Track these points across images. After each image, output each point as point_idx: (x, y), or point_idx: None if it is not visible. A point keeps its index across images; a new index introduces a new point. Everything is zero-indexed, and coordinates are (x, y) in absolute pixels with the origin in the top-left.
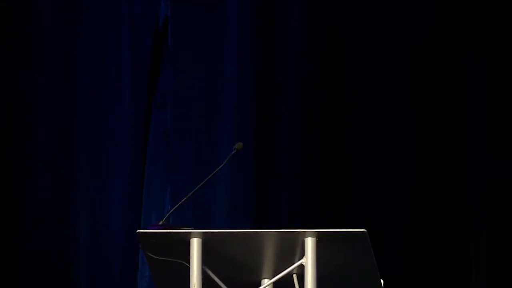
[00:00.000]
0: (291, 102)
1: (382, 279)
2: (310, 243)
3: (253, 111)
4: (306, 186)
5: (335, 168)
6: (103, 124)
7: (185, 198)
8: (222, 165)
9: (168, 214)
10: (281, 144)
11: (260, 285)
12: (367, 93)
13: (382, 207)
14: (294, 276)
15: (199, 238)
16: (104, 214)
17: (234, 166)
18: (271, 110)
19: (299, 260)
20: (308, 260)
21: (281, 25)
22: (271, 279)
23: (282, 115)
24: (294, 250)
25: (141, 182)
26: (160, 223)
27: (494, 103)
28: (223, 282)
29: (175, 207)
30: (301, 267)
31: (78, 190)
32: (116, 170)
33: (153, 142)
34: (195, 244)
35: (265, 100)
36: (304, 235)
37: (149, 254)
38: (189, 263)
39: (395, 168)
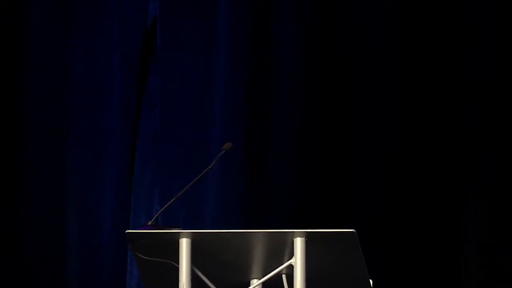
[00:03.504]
0: (281, 102)
1: (371, 279)
2: (299, 243)
3: (242, 111)
4: (296, 187)
5: (326, 168)
6: (93, 124)
7: (174, 199)
8: (210, 166)
9: (157, 214)
10: (271, 145)
11: (249, 285)
12: (359, 93)
13: (372, 207)
14: (283, 276)
15: (188, 238)
16: (93, 214)
17: (224, 167)
18: (261, 110)
19: (288, 260)
20: (297, 260)
21: (272, 25)
22: (260, 279)
23: (271, 115)
24: (283, 250)
25: (131, 183)
26: (149, 223)
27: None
28: (212, 282)
29: (164, 207)
30: (290, 267)
31: (68, 191)
32: (106, 170)
33: (143, 143)
34: (184, 244)
35: (255, 101)
36: (293, 235)
37: (138, 254)
38: (178, 263)
39: (387, 168)
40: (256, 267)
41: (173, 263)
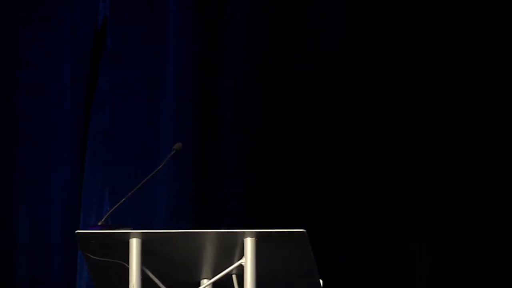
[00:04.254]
0: (232, 102)
1: (321, 279)
2: (249, 243)
3: (193, 111)
4: (247, 187)
5: (276, 168)
6: (43, 124)
7: (124, 199)
8: (161, 166)
9: (107, 215)
10: (220, 144)
11: (199, 286)
12: (312, 94)
13: (323, 207)
14: (234, 276)
15: (138, 238)
16: (43, 214)
17: (174, 167)
18: (210, 110)
19: (239, 260)
20: (248, 260)
21: (221, 25)
22: (210, 279)
23: (221, 115)
24: (234, 250)
25: (81, 183)
26: (99, 223)
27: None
28: (162, 283)
29: (114, 207)
30: (241, 267)
31: (18, 191)
32: (56, 170)
33: (93, 143)
34: (134, 245)
35: (206, 101)
36: (244, 235)
37: (88, 254)
38: (128, 263)
39: (340, 167)
40: (207, 267)
41: (123, 263)
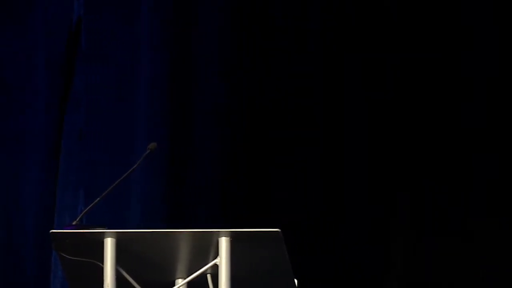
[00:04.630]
0: (206, 102)
1: (296, 278)
2: (224, 243)
3: (167, 111)
4: (222, 187)
5: (251, 168)
6: (17, 124)
7: (98, 199)
8: (135, 165)
9: (81, 214)
10: (196, 144)
11: (174, 285)
12: (285, 95)
13: (297, 206)
14: (208, 276)
15: (113, 238)
16: (17, 214)
17: (149, 167)
18: (186, 110)
19: (213, 260)
20: (222, 260)
21: (195, 24)
22: (185, 279)
23: (196, 115)
24: (209, 250)
25: (55, 182)
26: (74, 223)
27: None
28: (137, 282)
29: (89, 207)
30: (215, 267)
31: None
32: (30, 169)
33: (67, 142)
34: (109, 244)
35: (180, 101)
36: (218, 235)
37: (63, 254)
38: (102, 263)
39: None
40: (181, 267)
41: (97, 263)
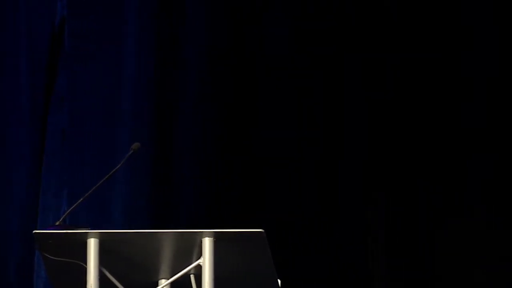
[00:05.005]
0: (190, 103)
1: (280, 278)
2: (207, 243)
3: (151, 111)
4: (205, 187)
5: (234, 168)
6: (0, 124)
7: (82, 199)
8: (119, 166)
9: (65, 215)
10: (178, 145)
11: (157, 286)
12: (267, 94)
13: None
14: (192, 276)
15: (96, 238)
16: (0, 214)
17: (133, 167)
18: (169, 110)
19: (197, 260)
20: (206, 261)
21: (180, 24)
22: (168, 279)
23: (180, 115)
24: (192, 250)
25: (38, 183)
26: (57, 223)
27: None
28: (120, 283)
29: (72, 207)
30: (199, 267)
31: None
32: (13, 169)
33: (51, 142)
34: (92, 245)
35: (164, 101)
36: (202, 235)
37: (46, 254)
38: (86, 263)
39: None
40: (165, 267)
41: (81, 263)
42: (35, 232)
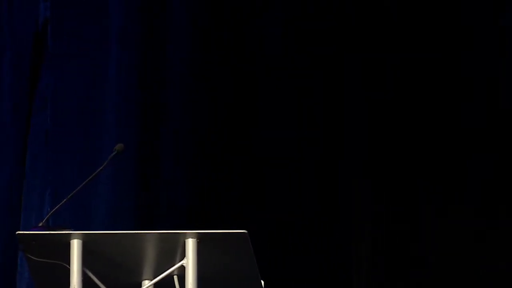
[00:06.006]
0: (174, 103)
1: (263, 279)
2: (190, 244)
3: (135, 112)
4: (189, 188)
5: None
6: None
7: (65, 200)
8: (102, 167)
9: (48, 216)
10: (162, 145)
11: (141, 286)
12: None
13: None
14: (175, 277)
15: (79, 239)
16: None
17: (117, 168)
18: (153, 111)
19: (180, 261)
20: (189, 261)
21: (164, 24)
22: (152, 280)
23: (164, 116)
24: (175, 251)
25: (21, 183)
26: (40, 224)
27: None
28: (104, 284)
29: (55, 208)
30: (182, 268)
31: None
32: None
33: (34, 143)
34: (75, 246)
35: (147, 102)
36: (185, 236)
37: (29, 255)
38: (69, 264)
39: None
40: (148, 268)
41: (64, 264)
42: (18, 233)
